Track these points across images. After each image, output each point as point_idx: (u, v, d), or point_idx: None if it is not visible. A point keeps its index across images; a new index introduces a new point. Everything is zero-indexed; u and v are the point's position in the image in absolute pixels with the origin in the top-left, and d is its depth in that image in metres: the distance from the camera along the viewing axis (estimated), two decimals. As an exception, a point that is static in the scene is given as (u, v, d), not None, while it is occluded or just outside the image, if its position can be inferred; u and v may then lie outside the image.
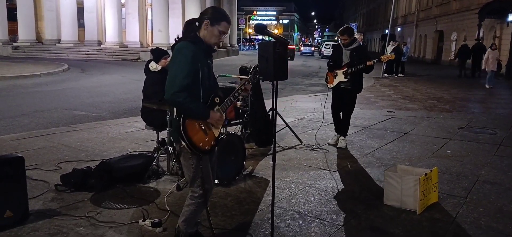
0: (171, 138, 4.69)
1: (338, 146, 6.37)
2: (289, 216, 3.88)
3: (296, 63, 30.01)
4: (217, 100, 2.91)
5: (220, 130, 2.97)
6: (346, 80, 6.11)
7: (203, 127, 2.80)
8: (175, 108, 2.79)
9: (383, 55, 6.71)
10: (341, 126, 6.47)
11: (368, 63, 5.91)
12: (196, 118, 2.78)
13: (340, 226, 3.72)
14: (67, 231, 3.43)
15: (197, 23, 2.85)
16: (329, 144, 6.44)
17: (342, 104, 6.36)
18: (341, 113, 6.46)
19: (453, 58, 24.40)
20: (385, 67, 19.32)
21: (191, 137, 2.74)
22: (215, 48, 2.93)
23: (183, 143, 2.75)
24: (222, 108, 2.92)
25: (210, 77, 2.89)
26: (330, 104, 6.54)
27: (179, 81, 2.64)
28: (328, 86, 6.40)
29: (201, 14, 2.87)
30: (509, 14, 20.01)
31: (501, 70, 12.90)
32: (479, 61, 19.73)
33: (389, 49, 19.68)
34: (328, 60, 6.67)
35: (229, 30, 2.96)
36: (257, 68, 3.36)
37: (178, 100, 2.66)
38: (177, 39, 2.83)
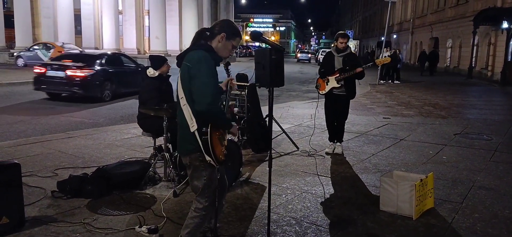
0: (168, 153, 4.71)
1: (334, 152, 6.40)
2: (285, 222, 3.89)
3: (293, 70, 30.06)
4: (222, 106, 2.95)
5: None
6: (339, 85, 6.12)
7: (219, 139, 2.81)
8: (206, 119, 2.69)
9: (378, 59, 6.65)
10: (337, 133, 6.48)
11: (358, 69, 5.95)
12: (224, 128, 2.83)
13: (336, 232, 3.73)
14: (64, 238, 3.43)
15: (207, 33, 2.85)
16: (327, 153, 6.44)
17: (336, 111, 6.34)
18: (335, 121, 6.46)
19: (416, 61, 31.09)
20: (379, 72, 19.43)
21: (215, 150, 2.73)
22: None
23: (209, 158, 2.72)
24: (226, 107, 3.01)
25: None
26: (324, 111, 6.54)
27: (211, 91, 2.63)
28: (320, 92, 6.38)
29: (215, 25, 2.88)
30: (503, 21, 20.17)
31: None
32: (435, 63, 26.62)
33: (386, 55, 19.83)
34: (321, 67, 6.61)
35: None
36: (228, 63, 3.27)
37: (214, 110, 2.67)
38: (191, 46, 2.81)
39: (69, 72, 11.46)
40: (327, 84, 6.23)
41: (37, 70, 12.09)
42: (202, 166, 2.78)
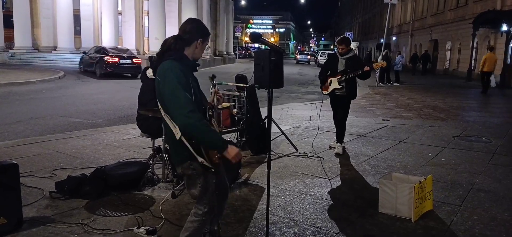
0: (167, 154, 4.68)
1: (335, 152, 6.51)
2: (284, 223, 3.88)
3: (292, 71, 30.06)
4: (210, 112, 2.80)
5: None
6: (340, 87, 6.35)
7: None
8: (187, 131, 2.54)
9: (376, 63, 6.86)
10: (337, 133, 6.63)
11: (366, 68, 6.11)
12: (211, 147, 2.58)
13: (335, 234, 3.72)
14: (61, 239, 3.42)
15: (179, 40, 2.73)
16: (330, 146, 6.73)
17: (337, 110, 6.60)
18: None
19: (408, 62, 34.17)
20: (378, 75, 19.51)
21: (208, 152, 2.61)
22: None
23: (201, 160, 2.59)
24: (215, 123, 2.82)
25: (199, 91, 2.75)
26: (326, 112, 6.75)
27: (185, 100, 2.46)
28: (324, 93, 6.64)
29: (187, 31, 2.74)
30: (502, 24, 20.22)
31: None
32: (426, 65, 30.20)
33: (379, 57, 20.09)
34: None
35: None
36: (213, 75, 3.53)
37: (192, 120, 2.45)
38: (155, 58, 2.72)
39: (134, 60, 19.65)
40: (330, 85, 6.46)
41: (110, 59, 18.93)
42: (195, 174, 2.72)
